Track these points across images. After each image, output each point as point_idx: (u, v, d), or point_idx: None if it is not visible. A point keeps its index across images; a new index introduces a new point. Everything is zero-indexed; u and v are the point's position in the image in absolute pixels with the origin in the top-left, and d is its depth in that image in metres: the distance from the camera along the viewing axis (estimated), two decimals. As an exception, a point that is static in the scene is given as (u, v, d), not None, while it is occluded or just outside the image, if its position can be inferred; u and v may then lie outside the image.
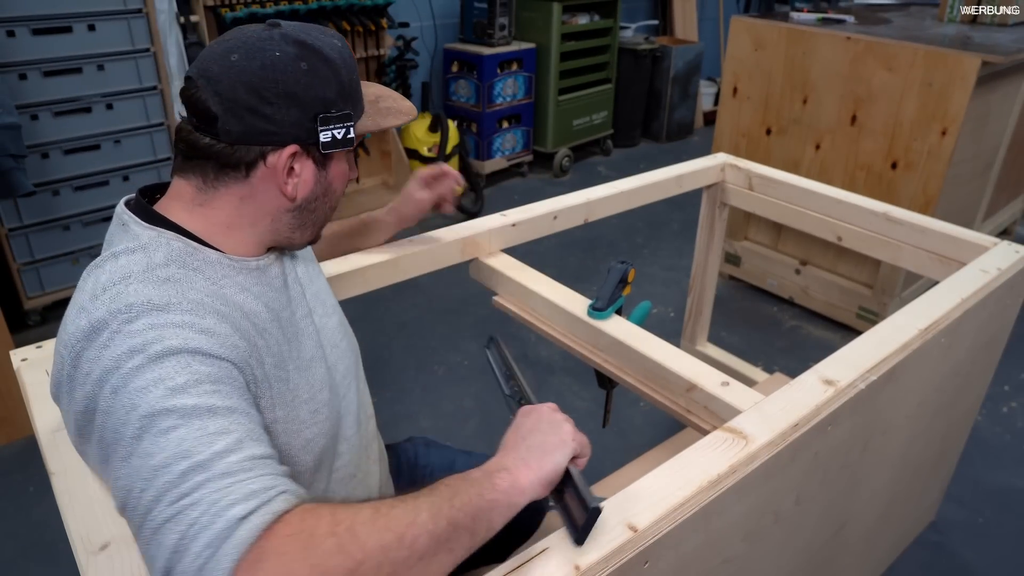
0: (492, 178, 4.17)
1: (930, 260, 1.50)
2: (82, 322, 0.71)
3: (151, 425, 0.64)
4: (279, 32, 0.79)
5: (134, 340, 0.68)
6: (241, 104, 0.76)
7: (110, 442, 0.65)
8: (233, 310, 0.78)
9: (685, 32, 5.23)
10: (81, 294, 0.76)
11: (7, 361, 1.97)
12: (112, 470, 0.65)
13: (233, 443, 0.64)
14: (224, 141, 0.77)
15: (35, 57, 2.39)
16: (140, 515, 0.62)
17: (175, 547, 0.59)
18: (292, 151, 0.79)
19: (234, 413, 0.68)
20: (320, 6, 3.07)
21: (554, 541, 0.74)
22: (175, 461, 0.62)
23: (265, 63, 0.76)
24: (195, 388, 0.66)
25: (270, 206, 0.82)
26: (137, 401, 0.65)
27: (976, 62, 2.16)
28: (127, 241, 0.79)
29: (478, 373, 2.45)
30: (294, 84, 0.77)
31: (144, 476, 0.62)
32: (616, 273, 1.25)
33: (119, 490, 0.64)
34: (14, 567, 1.72)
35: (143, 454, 0.63)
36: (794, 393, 0.98)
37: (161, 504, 0.61)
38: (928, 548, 1.79)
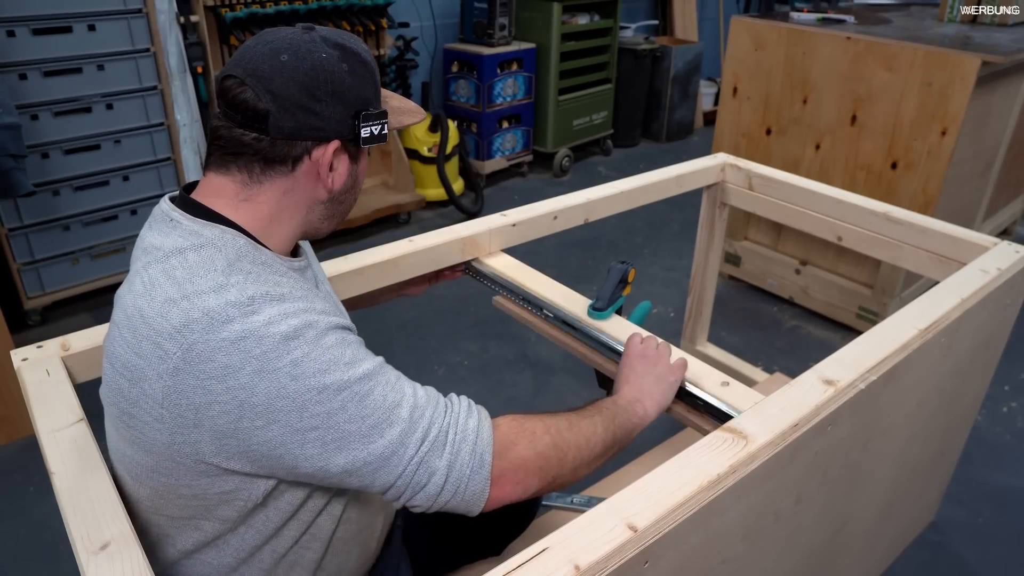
0: (492, 178, 4.17)
1: (930, 260, 1.50)
2: (189, 313, 0.74)
3: (349, 396, 0.77)
4: (318, 35, 0.84)
5: (280, 329, 0.75)
6: (295, 102, 0.80)
7: (304, 420, 0.75)
8: (315, 296, 0.85)
9: (685, 32, 5.23)
10: (157, 288, 0.77)
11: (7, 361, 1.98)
12: (314, 443, 0.76)
13: (410, 384, 0.85)
14: (274, 136, 0.81)
15: (35, 57, 2.39)
16: (386, 465, 0.79)
17: (449, 464, 0.81)
18: (336, 146, 0.84)
19: (384, 362, 0.85)
20: (320, 6, 3.07)
21: (554, 541, 0.74)
22: (391, 412, 0.79)
23: (315, 64, 0.81)
24: (359, 356, 0.80)
25: (308, 198, 0.87)
26: (324, 382, 0.75)
27: (976, 62, 2.16)
28: (187, 238, 0.81)
29: (478, 373, 2.45)
30: (340, 83, 0.82)
31: (367, 434, 0.77)
32: (616, 273, 1.25)
33: (333, 455, 0.77)
34: (15, 567, 1.72)
35: (355, 419, 0.77)
36: (794, 393, 0.98)
37: (408, 445, 0.79)
38: (928, 548, 1.79)
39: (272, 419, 0.74)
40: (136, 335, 0.76)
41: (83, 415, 0.93)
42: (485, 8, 3.78)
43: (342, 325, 0.82)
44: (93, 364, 1.06)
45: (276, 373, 0.74)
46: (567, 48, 4.07)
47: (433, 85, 4.06)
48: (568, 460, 0.89)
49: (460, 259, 1.41)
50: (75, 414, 0.93)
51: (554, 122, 4.18)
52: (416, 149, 3.71)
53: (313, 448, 0.76)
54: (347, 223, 3.26)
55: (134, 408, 0.77)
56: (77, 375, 1.04)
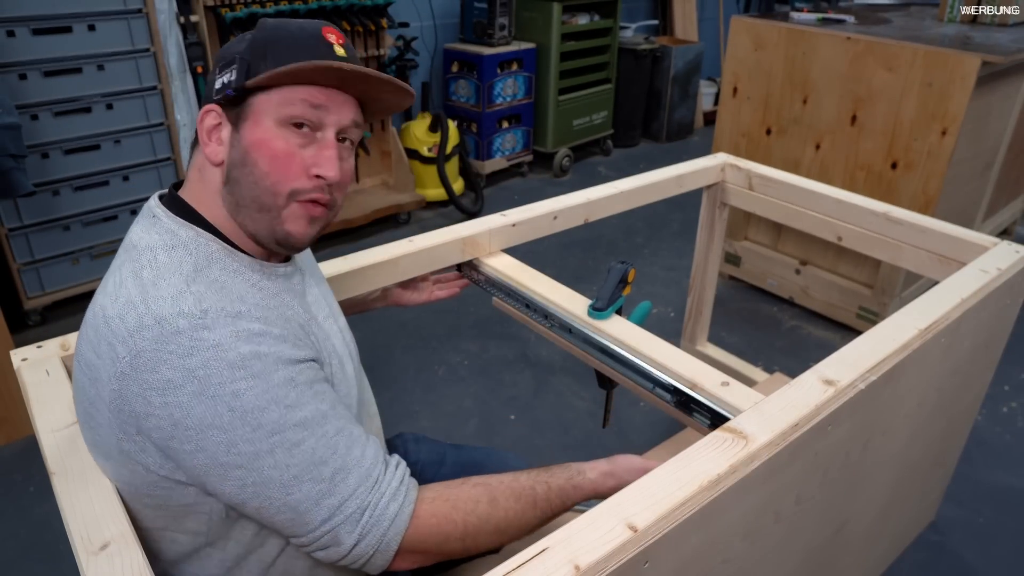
0: (492, 178, 4.17)
1: (930, 260, 1.50)
2: (143, 318, 0.73)
3: (280, 442, 0.74)
4: (280, 22, 0.84)
5: (227, 355, 0.72)
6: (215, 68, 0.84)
7: (232, 456, 0.73)
8: (287, 307, 0.82)
9: (685, 32, 5.23)
10: (123, 287, 0.76)
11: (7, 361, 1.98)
12: (235, 479, 0.74)
13: (349, 439, 0.79)
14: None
15: (35, 57, 2.39)
16: (298, 518, 0.76)
17: (355, 543, 0.78)
18: (208, 108, 0.82)
19: (336, 406, 0.80)
20: (320, 6, 3.06)
21: (554, 541, 0.74)
22: (315, 468, 0.75)
23: (233, 42, 0.84)
24: (303, 398, 0.76)
25: (214, 180, 0.83)
26: (259, 420, 0.73)
27: (976, 62, 2.16)
28: (163, 236, 0.80)
29: (478, 373, 2.45)
30: (227, 50, 0.83)
31: (286, 485, 0.74)
32: (616, 273, 1.25)
33: (250, 496, 0.75)
34: (15, 567, 1.72)
35: (279, 466, 0.74)
36: (794, 393, 0.98)
37: (322, 508, 0.76)
38: (928, 548, 1.79)
39: (200, 446, 0.73)
40: (97, 334, 0.76)
41: (83, 415, 0.93)
42: (485, 8, 3.78)
43: (297, 359, 0.77)
44: (93, 364, 1.06)
45: (215, 400, 0.71)
46: (567, 48, 4.07)
47: (433, 85, 4.05)
48: (480, 544, 0.86)
49: (460, 259, 1.41)
50: (75, 414, 0.92)
51: (554, 122, 4.18)
52: (416, 149, 3.71)
53: (232, 485, 0.74)
54: (347, 223, 3.26)
55: (93, 408, 0.78)
56: (77, 375, 1.04)
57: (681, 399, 1.12)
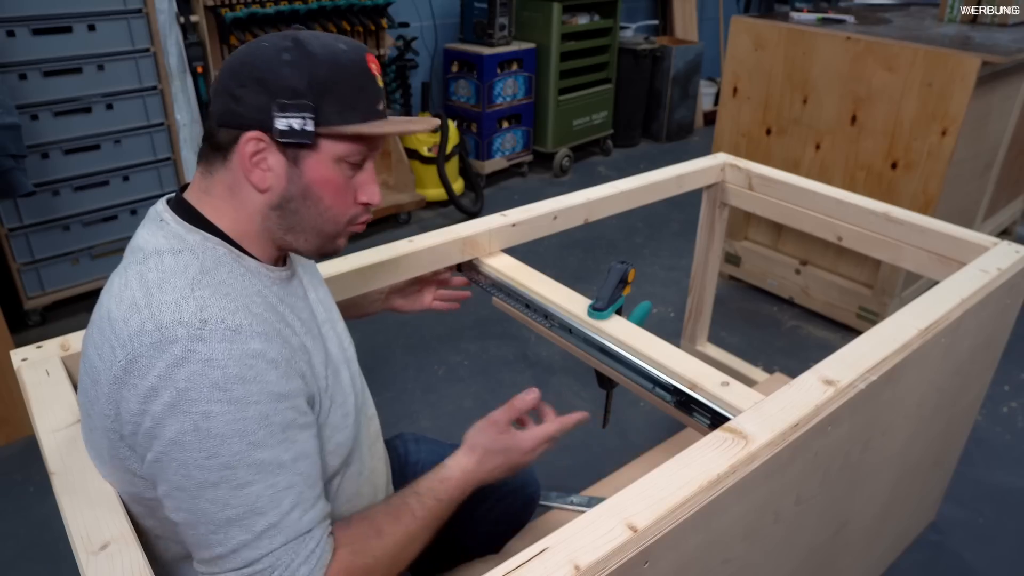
0: (492, 178, 4.17)
1: (930, 260, 1.50)
2: (144, 323, 0.73)
3: (230, 477, 0.72)
4: (292, 32, 0.82)
5: (214, 373, 0.71)
6: (222, 86, 0.80)
7: (180, 476, 0.72)
8: (284, 324, 0.81)
9: (685, 32, 5.23)
10: (128, 289, 0.76)
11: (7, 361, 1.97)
12: (175, 498, 0.74)
13: (296, 498, 0.76)
14: (211, 123, 0.81)
15: (35, 57, 2.39)
16: (211, 553, 0.74)
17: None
18: (253, 136, 0.79)
19: (298, 460, 0.77)
20: (320, 6, 3.06)
21: (554, 541, 0.74)
22: (250, 517, 0.73)
23: (252, 50, 0.80)
24: (270, 440, 0.74)
25: (253, 201, 0.82)
26: (219, 450, 0.71)
27: (976, 62, 2.16)
28: (170, 240, 0.80)
29: (478, 373, 2.45)
30: (267, 71, 0.78)
31: (217, 522, 0.73)
32: (616, 273, 1.25)
33: (180, 516, 0.74)
34: (14, 567, 1.72)
35: (218, 501, 0.72)
36: (794, 393, 0.98)
37: (238, 557, 0.73)
38: (928, 548, 1.79)
39: (158, 457, 0.73)
40: (101, 335, 0.76)
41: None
42: (485, 8, 3.78)
43: (281, 393, 0.76)
44: (93, 364, 1.06)
45: (185, 415, 0.71)
46: (567, 48, 4.07)
47: (433, 85, 4.06)
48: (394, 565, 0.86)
49: (460, 259, 1.41)
50: (75, 414, 0.92)
51: (554, 122, 4.18)
52: (416, 149, 3.71)
53: (171, 503, 0.75)
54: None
55: (92, 408, 0.78)
56: (77, 375, 1.04)
57: (681, 399, 1.12)
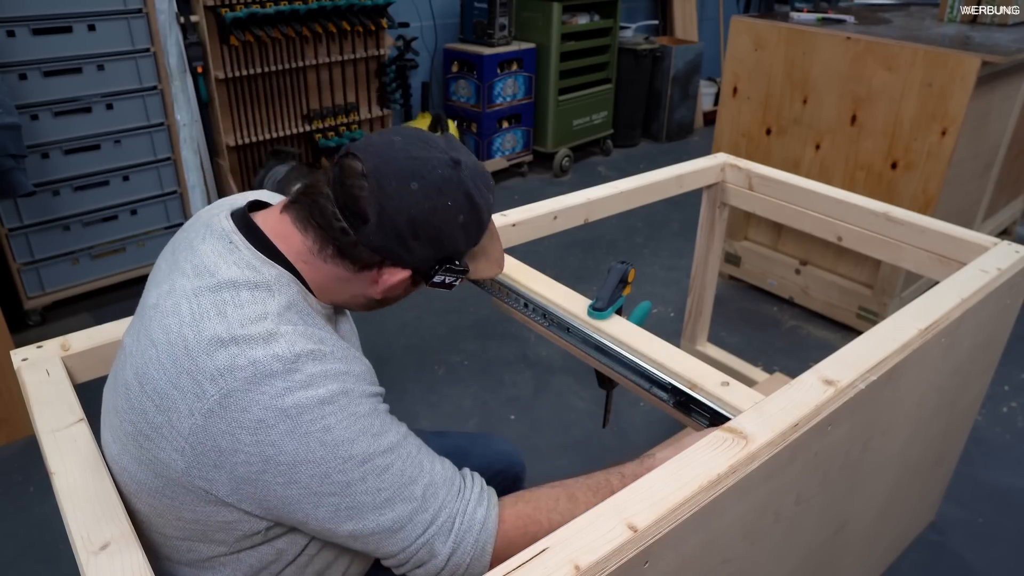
0: (492, 178, 4.16)
1: (930, 260, 1.50)
2: (235, 359, 0.75)
3: (371, 468, 0.78)
4: (459, 176, 0.84)
5: (318, 392, 0.76)
6: (396, 229, 0.82)
7: (325, 487, 0.76)
8: (354, 353, 0.85)
9: (685, 32, 5.23)
10: (207, 321, 0.77)
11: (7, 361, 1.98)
12: (328, 506, 0.77)
13: (429, 455, 0.84)
14: (359, 241, 0.82)
15: (35, 57, 2.39)
16: (394, 542, 0.80)
17: (452, 551, 0.82)
18: (406, 275, 0.87)
19: (408, 433, 0.85)
20: (320, 6, 3.06)
21: (554, 541, 0.74)
22: (408, 487, 0.80)
23: (436, 207, 0.82)
24: (386, 427, 0.81)
25: (358, 292, 0.89)
26: (350, 452, 0.76)
27: (976, 62, 2.16)
28: (244, 271, 0.81)
29: (478, 373, 2.45)
30: (445, 232, 0.84)
31: (380, 506, 0.78)
32: (616, 273, 1.25)
33: (347, 523, 0.78)
34: (14, 567, 1.72)
35: (371, 491, 0.78)
36: (794, 393, 0.98)
37: (418, 523, 0.80)
38: (928, 548, 1.79)
39: (293, 479, 0.75)
40: (176, 366, 0.76)
41: (83, 415, 0.93)
42: (485, 8, 3.78)
43: (374, 392, 0.83)
44: (93, 364, 1.06)
45: (307, 437, 0.74)
46: (567, 48, 4.07)
47: (433, 85, 4.06)
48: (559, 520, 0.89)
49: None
50: (75, 414, 0.93)
51: (554, 122, 4.18)
52: (416, 149, 3.70)
53: (326, 511, 0.78)
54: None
55: (155, 433, 0.77)
56: (77, 375, 1.04)
57: (681, 399, 1.12)
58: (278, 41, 3.06)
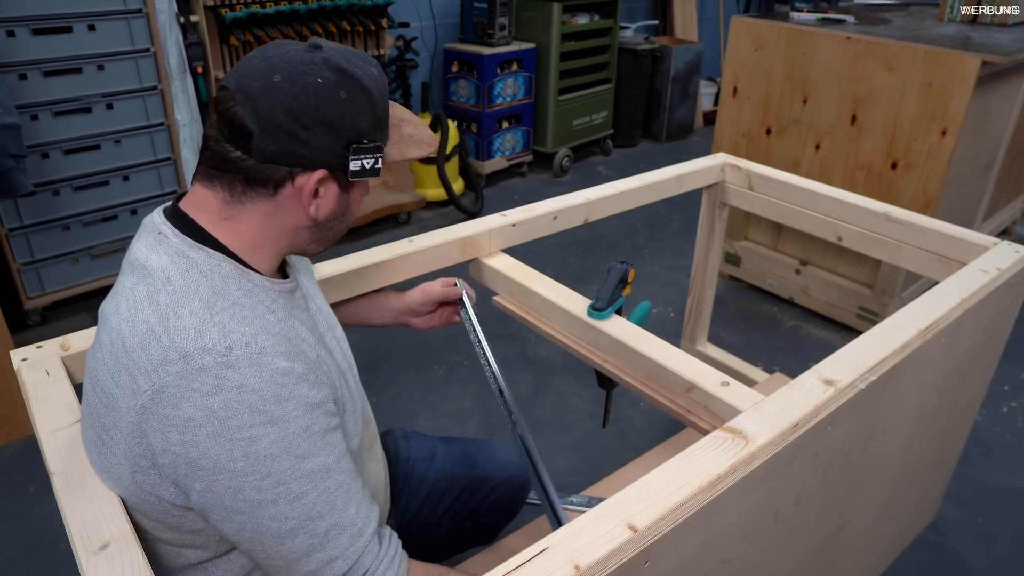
0: (492, 178, 4.17)
1: (930, 260, 1.50)
2: (166, 352, 0.72)
3: (285, 492, 0.75)
4: (321, 56, 0.79)
5: (250, 398, 0.73)
6: (279, 126, 0.76)
7: (237, 501, 0.74)
8: (299, 338, 0.82)
9: (685, 32, 5.23)
10: (140, 313, 0.75)
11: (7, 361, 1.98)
12: (234, 522, 0.75)
13: (347, 495, 0.80)
14: (256, 159, 0.78)
15: (35, 57, 2.39)
16: (283, 559, 0.77)
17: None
18: (321, 175, 0.80)
19: (340, 460, 0.81)
20: (320, 6, 3.06)
21: (554, 541, 0.74)
22: (312, 522, 0.77)
23: (307, 88, 0.77)
24: (314, 449, 0.77)
25: (292, 223, 0.83)
26: (269, 469, 0.74)
27: (976, 62, 2.16)
28: (173, 257, 0.79)
29: (478, 373, 2.45)
30: (332, 112, 0.78)
31: (281, 533, 0.76)
32: (616, 273, 1.25)
33: (244, 536, 0.76)
34: (14, 567, 1.72)
35: (279, 517, 0.75)
36: (794, 393, 0.98)
37: (311, 560, 0.78)
38: (928, 548, 1.79)
39: (210, 487, 0.74)
40: (117, 363, 0.75)
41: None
42: (485, 8, 3.78)
43: (314, 402, 0.78)
44: (93, 364, 1.06)
45: (231, 443, 0.72)
46: (567, 48, 4.07)
47: (433, 85, 4.06)
48: None
49: (460, 259, 1.41)
50: (75, 414, 0.93)
51: (554, 122, 4.18)
52: (416, 149, 3.70)
53: (231, 527, 0.77)
54: (347, 223, 3.25)
55: (107, 435, 0.77)
56: (77, 375, 1.04)
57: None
58: (278, 41, 3.06)
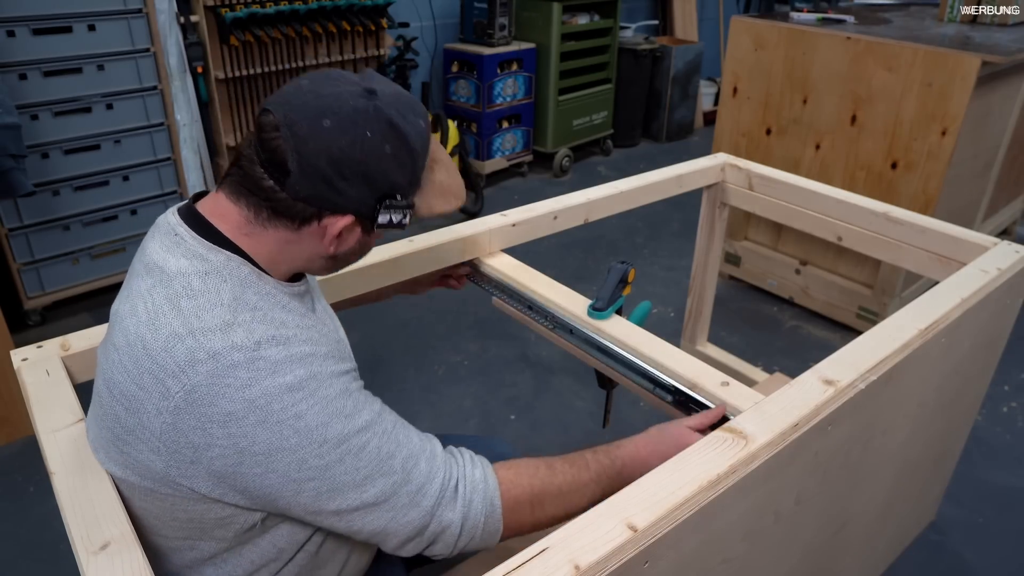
0: (492, 178, 4.17)
1: (930, 260, 1.50)
2: (194, 352, 0.73)
3: (347, 448, 0.78)
4: (374, 105, 0.78)
5: (285, 379, 0.75)
6: (319, 172, 0.77)
7: (303, 472, 0.76)
8: (321, 330, 0.85)
9: (685, 32, 5.23)
10: (162, 317, 0.75)
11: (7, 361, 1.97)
12: (310, 491, 0.77)
13: (405, 430, 0.86)
14: (288, 195, 0.78)
15: (35, 57, 2.39)
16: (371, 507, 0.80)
17: (464, 515, 0.84)
18: (348, 222, 0.81)
19: (383, 405, 0.86)
20: (320, 6, 3.06)
21: (554, 541, 0.74)
22: (385, 463, 0.80)
23: (355, 140, 0.77)
24: (359, 406, 0.80)
25: (309, 253, 0.84)
26: (324, 436, 0.76)
27: (976, 62, 2.16)
28: (192, 261, 0.79)
29: (478, 373, 2.45)
30: (373, 166, 0.78)
31: (359, 483, 0.78)
32: (616, 273, 1.25)
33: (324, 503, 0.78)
34: (15, 567, 1.72)
35: (351, 471, 0.78)
36: (794, 393, 0.98)
37: (403, 496, 0.81)
38: (928, 548, 1.79)
39: (270, 468, 0.75)
40: (138, 366, 0.75)
41: (83, 415, 0.93)
42: (485, 8, 3.78)
43: (344, 370, 0.82)
44: (93, 364, 1.06)
45: (279, 425, 0.74)
46: (567, 48, 4.07)
47: (433, 85, 4.06)
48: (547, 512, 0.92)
49: (460, 259, 1.41)
50: (75, 414, 0.93)
51: (554, 122, 4.18)
52: (416, 149, 3.70)
53: (308, 496, 0.78)
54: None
55: (130, 436, 0.77)
56: (77, 375, 1.04)
57: (681, 399, 1.12)
58: (278, 41, 3.06)
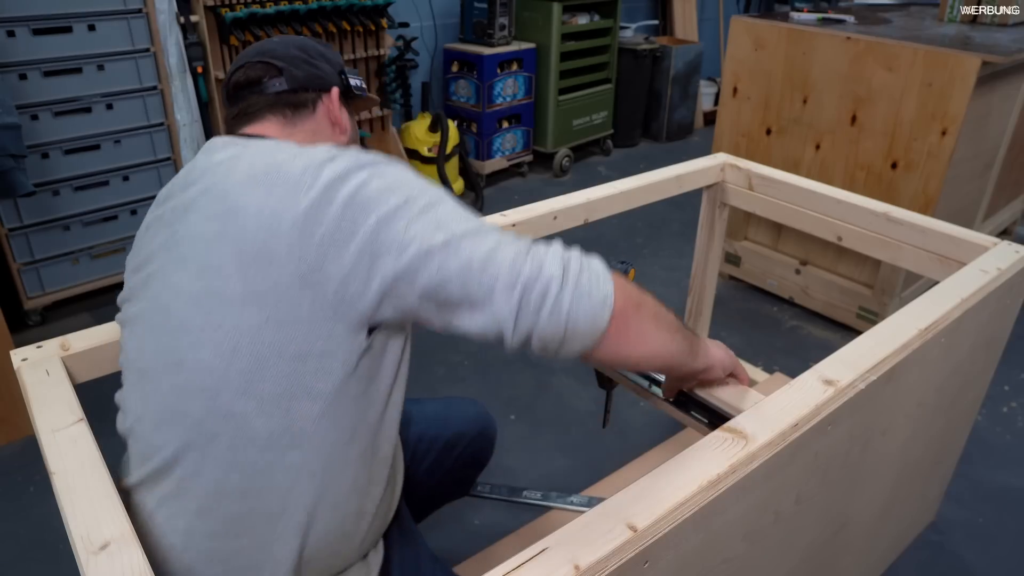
0: (492, 178, 4.17)
1: (930, 260, 1.50)
2: (312, 158, 0.82)
3: (475, 231, 0.80)
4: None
5: (399, 166, 0.85)
6: (298, 59, 1.01)
7: (407, 207, 0.80)
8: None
9: (685, 32, 5.24)
10: (267, 155, 0.85)
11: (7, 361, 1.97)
12: (422, 221, 0.79)
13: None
14: (291, 87, 0.99)
15: (35, 57, 2.39)
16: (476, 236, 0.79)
17: (563, 264, 0.79)
18: (337, 92, 1.04)
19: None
20: (320, 6, 3.06)
21: (554, 541, 0.74)
22: (502, 246, 0.79)
23: (299, 40, 1.06)
24: (460, 204, 0.85)
25: (328, 137, 1.03)
26: (428, 185, 0.84)
27: (976, 62, 2.16)
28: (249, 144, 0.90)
29: (478, 373, 2.45)
30: (323, 50, 1.06)
31: (465, 217, 0.81)
32: (616, 273, 1.25)
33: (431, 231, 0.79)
34: (15, 567, 1.73)
35: (458, 212, 0.82)
36: (794, 393, 0.98)
37: (505, 245, 0.79)
38: (928, 548, 1.79)
39: (383, 203, 0.79)
40: (270, 184, 0.80)
41: (83, 415, 0.93)
42: (485, 8, 3.78)
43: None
44: (93, 364, 1.06)
45: (387, 174, 0.83)
46: (567, 48, 4.07)
47: (433, 85, 4.05)
48: (645, 329, 0.85)
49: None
50: (75, 414, 0.93)
51: (554, 122, 4.18)
52: (416, 149, 3.71)
53: (420, 227, 0.78)
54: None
55: (261, 253, 0.78)
56: (77, 375, 1.04)
57: (680, 399, 1.12)
58: (278, 41, 3.06)
